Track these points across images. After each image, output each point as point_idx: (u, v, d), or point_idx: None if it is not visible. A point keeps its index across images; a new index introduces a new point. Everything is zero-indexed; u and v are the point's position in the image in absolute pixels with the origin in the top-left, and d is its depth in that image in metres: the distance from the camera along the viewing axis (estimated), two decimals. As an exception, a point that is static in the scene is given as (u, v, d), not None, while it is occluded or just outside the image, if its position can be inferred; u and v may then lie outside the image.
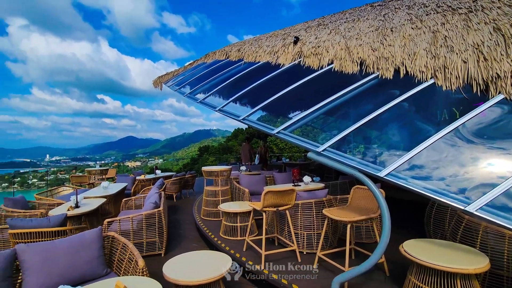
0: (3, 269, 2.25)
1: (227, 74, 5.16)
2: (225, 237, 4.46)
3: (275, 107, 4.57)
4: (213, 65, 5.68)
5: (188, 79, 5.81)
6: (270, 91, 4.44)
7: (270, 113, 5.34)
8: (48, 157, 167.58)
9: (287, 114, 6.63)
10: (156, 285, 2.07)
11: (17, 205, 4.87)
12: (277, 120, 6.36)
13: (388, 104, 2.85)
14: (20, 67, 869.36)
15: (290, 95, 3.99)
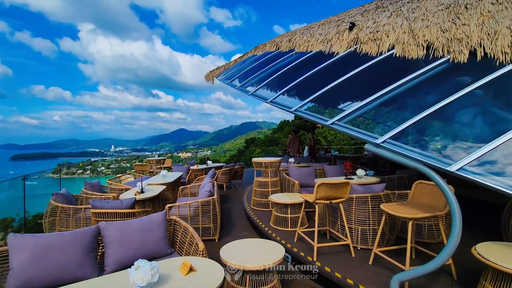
0: (91, 242, 2.61)
1: (277, 66, 5.14)
2: (275, 227, 4.53)
3: (322, 99, 4.43)
4: (264, 57, 5.70)
5: (239, 72, 5.93)
6: (321, 81, 4.31)
7: (318, 104, 5.19)
8: (113, 148, 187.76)
9: (336, 105, 6.38)
10: (216, 265, 2.20)
11: (94, 189, 5.59)
12: (325, 111, 6.17)
13: (462, 90, 2.56)
14: (89, 68, 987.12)
15: (342, 85, 3.83)
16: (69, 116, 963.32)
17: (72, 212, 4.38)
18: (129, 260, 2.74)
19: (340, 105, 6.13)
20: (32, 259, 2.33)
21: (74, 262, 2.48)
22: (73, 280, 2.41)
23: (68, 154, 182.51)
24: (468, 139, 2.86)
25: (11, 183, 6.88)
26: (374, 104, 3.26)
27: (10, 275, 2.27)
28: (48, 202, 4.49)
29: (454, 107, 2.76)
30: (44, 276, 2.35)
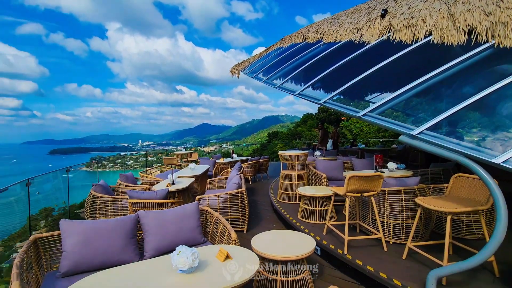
0: (132, 229, 2.78)
1: (304, 57, 5.07)
2: (303, 219, 4.54)
3: (348, 91, 4.32)
4: (290, 49, 5.64)
5: (265, 65, 5.92)
6: (350, 73, 4.21)
7: (343, 96, 5.07)
8: (140, 142, 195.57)
9: (363, 97, 6.18)
10: (250, 253, 2.26)
11: (128, 180, 5.89)
12: (350, 103, 6.01)
13: (508, 78, 2.39)
14: (117, 66, 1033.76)
15: (372, 76, 3.71)
16: (100, 112, 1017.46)
17: (110, 201, 4.66)
18: (167, 247, 2.89)
19: (367, 96, 5.94)
20: (81, 242, 2.53)
21: (117, 247, 2.66)
22: (117, 263, 2.59)
23: (99, 148, 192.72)
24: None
25: (53, 175, 7.41)
26: (408, 94, 3.14)
27: (64, 256, 2.48)
28: (89, 192, 4.81)
29: (497, 96, 2.59)
30: (92, 258, 2.54)
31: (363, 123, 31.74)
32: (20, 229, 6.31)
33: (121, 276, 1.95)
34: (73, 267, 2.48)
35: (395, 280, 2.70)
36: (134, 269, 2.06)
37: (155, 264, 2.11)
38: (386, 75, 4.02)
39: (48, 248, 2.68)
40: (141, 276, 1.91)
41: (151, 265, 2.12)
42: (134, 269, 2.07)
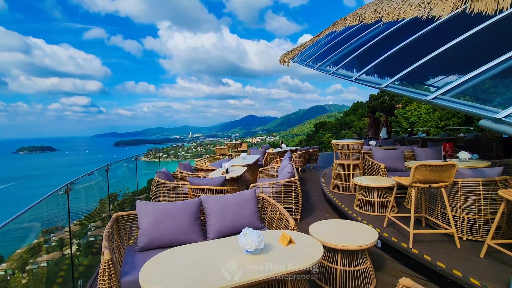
0: (196, 212, 2.98)
1: (360, 41, 4.78)
2: (360, 210, 4.37)
3: (406, 74, 3.94)
4: (344, 33, 5.36)
5: (317, 52, 5.73)
6: (410, 55, 3.86)
7: (402, 81, 4.66)
8: (190, 134, 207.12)
9: (424, 81, 5.60)
10: (313, 239, 2.25)
11: (186, 168, 6.30)
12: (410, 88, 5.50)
13: None
14: (168, 62, 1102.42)
15: (441, 56, 3.33)
16: (154, 106, 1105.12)
17: (172, 187, 5.04)
18: (227, 230, 3.04)
19: (430, 80, 5.38)
20: (154, 222, 2.80)
21: (184, 227, 2.88)
22: (185, 242, 2.79)
23: (155, 140, 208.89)
24: None
25: (120, 163, 8.24)
26: (490, 73, 2.76)
27: (140, 233, 2.78)
28: (153, 179, 5.26)
29: None
30: (163, 236, 2.79)
31: (422, 110, 29.01)
32: (92, 211, 7.22)
33: (195, 252, 2.11)
34: (148, 243, 2.76)
35: (472, 279, 2.45)
36: (205, 247, 2.21)
37: (222, 244, 2.24)
38: (452, 55, 3.58)
39: (126, 225, 3.02)
40: (212, 253, 2.05)
41: (218, 244, 2.25)
42: (205, 247, 2.22)
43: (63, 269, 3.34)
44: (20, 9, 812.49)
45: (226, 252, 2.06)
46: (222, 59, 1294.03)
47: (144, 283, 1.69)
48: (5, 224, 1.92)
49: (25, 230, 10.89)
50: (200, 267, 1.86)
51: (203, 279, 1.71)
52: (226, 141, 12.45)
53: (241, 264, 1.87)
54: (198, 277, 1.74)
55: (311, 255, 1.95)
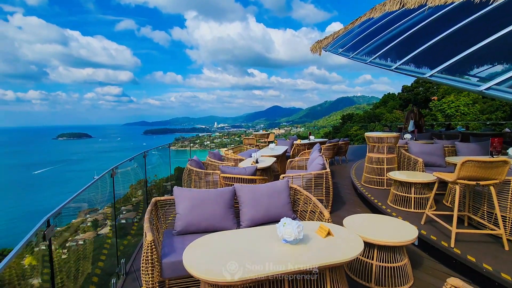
0: (230, 199, 3.04)
1: (402, 27, 4.50)
2: (394, 206, 4.21)
3: (454, 63, 3.65)
4: (383, 19, 5.08)
5: (352, 40, 5.49)
6: (460, 42, 3.57)
7: (444, 71, 4.33)
8: (216, 124, 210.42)
9: (467, 71, 5.19)
10: (351, 233, 2.21)
11: (216, 157, 6.42)
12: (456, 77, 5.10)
13: None
14: (195, 53, 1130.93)
15: (492, 43, 3.06)
16: (181, 96, 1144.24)
17: (203, 175, 5.17)
18: (260, 219, 3.06)
19: (473, 70, 4.96)
20: (190, 207, 2.89)
21: (219, 214, 2.94)
22: (219, 229, 2.87)
23: (181, 130, 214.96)
24: None
25: (151, 151, 8.54)
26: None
27: (177, 218, 2.89)
28: (185, 167, 5.43)
29: None
30: (199, 222, 2.88)
31: (460, 103, 27.09)
32: (123, 196, 7.61)
33: (234, 238, 2.16)
34: (185, 227, 2.86)
35: (524, 284, 2.29)
36: (243, 234, 2.25)
37: (260, 232, 2.26)
38: (502, 44, 3.26)
39: (163, 209, 3.15)
40: (251, 241, 2.08)
41: (256, 232, 2.28)
42: (243, 234, 2.26)
43: (105, 247, 3.57)
44: (58, 2, 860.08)
45: (264, 240, 2.08)
46: (247, 49, 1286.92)
47: (188, 265, 1.75)
48: (67, 202, 2.09)
49: (68, 210, 11.69)
50: (241, 253, 1.90)
51: (244, 264, 1.74)
52: (251, 132, 12.50)
53: (281, 253, 1.88)
54: (240, 262, 1.77)
55: (351, 249, 1.91)
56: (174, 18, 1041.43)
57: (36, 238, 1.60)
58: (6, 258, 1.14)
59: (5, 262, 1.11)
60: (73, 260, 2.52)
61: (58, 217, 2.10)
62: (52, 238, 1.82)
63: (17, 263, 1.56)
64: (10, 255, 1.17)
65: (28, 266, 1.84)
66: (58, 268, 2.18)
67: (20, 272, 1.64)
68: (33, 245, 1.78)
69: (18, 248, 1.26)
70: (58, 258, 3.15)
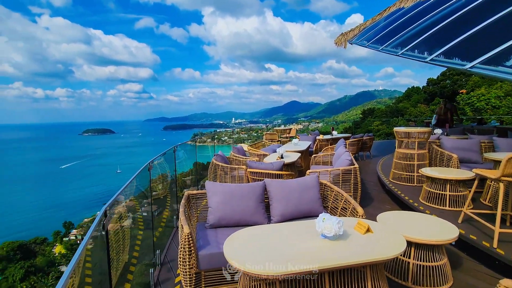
0: (261, 194, 3.05)
1: (437, 16, 4.28)
2: (427, 203, 4.06)
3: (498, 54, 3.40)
4: (415, 9, 4.85)
5: (382, 31, 5.30)
6: (502, 31, 3.35)
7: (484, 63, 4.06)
8: (233, 120, 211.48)
9: (502, 62, 4.85)
10: (390, 230, 2.15)
11: (240, 153, 6.45)
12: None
13: None
14: (212, 49, 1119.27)
15: None
16: (199, 92, 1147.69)
17: (229, 170, 5.22)
18: (291, 214, 3.06)
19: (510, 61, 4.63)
20: (223, 201, 2.93)
21: (250, 209, 2.96)
22: (251, 223, 2.89)
23: (200, 125, 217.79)
24: None
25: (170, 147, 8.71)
26: None
27: (210, 211, 2.94)
28: (211, 161, 5.50)
29: None
30: (231, 216, 2.91)
31: (491, 96, 25.59)
32: (145, 189, 7.83)
33: (270, 232, 2.16)
34: (217, 221, 2.90)
35: None
36: (278, 228, 2.25)
37: (296, 227, 2.25)
38: None
39: (195, 202, 3.21)
40: (288, 235, 2.07)
41: (292, 227, 2.26)
42: (278, 228, 2.26)
43: (138, 238, 3.70)
44: (81, 2, 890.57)
45: (302, 235, 2.07)
46: (264, 44, 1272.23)
47: (230, 256, 1.78)
48: (118, 194, 2.18)
49: (92, 202, 12.11)
50: (280, 247, 1.90)
51: (284, 258, 1.74)
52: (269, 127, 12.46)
53: (320, 248, 1.87)
54: (280, 256, 1.77)
55: (393, 246, 1.86)
56: (192, 14, 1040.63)
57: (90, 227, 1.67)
58: (80, 247, 1.21)
59: (80, 251, 1.17)
60: (115, 249, 2.63)
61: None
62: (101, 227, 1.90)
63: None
64: (83, 242, 1.25)
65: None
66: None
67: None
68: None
69: (88, 237, 1.34)
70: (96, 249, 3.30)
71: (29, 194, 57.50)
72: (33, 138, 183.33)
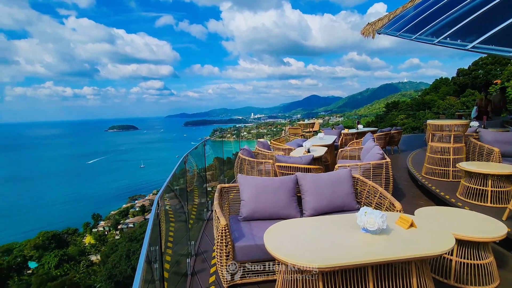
0: (293, 188, 3.03)
1: (476, 2, 4.01)
2: (465, 199, 3.87)
3: None
4: (452, -6, 4.57)
5: (415, 19, 5.05)
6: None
7: None
8: (252, 115, 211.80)
9: None
10: (431, 225, 2.07)
11: (265, 147, 6.45)
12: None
13: None
14: (230, 44, 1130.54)
15: None
16: (218, 88, 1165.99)
17: (256, 164, 5.24)
18: (324, 208, 3.02)
19: None
20: (255, 195, 2.94)
21: (282, 202, 2.96)
22: (283, 216, 2.89)
23: (219, 121, 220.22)
24: None
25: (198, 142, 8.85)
26: None
27: (242, 204, 2.96)
28: (237, 155, 5.54)
29: None
30: (263, 209, 2.93)
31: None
32: (167, 183, 8.03)
33: (308, 226, 2.15)
34: (250, 214, 2.93)
35: None
36: (317, 222, 2.23)
37: (334, 221, 2.22)
38: None
39: (227, 195, 3.25)
40: (327, 229, 2.05)
41: (330, 221, 2.23)
42: (316, 222, 2.24)
43: (171, 230, 3.82)
44: (105, 3, 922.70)
45: (342, 228, 2.04)
46: (283, 37, 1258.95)
47: (272, 248, 1.79)
48: (165, 186, 2.29)
49: (118, 195, 12.51)
50: (320, 240, 1.89)
51: (326, 251, 1.73)
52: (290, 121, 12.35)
53: (363, 242, 1.83)
54: (322, 249, 1.76)
55: (440, 242, 1.79)
56: (210, 10, 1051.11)
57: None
58: (146, 238, 1.27)
59: (147, 241, 1.23)
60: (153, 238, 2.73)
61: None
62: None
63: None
64: (148, 227, 1.33)
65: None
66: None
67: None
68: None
69: (150, 226, 1.44)
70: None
71: (60, 187, 61.31)
72: (63, 134, 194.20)
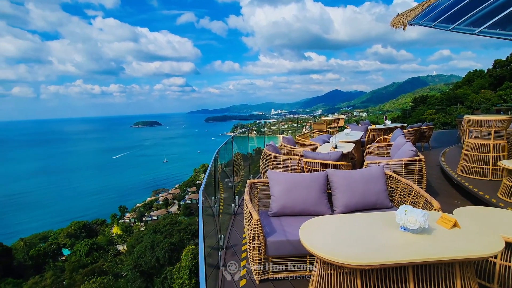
0: (323, 184, 3.00)
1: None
2: (508, 199, 3.64)
3: None
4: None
5: (451, 8, 4.77)
6: None
7: None
8: (273, 111, 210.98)
9: None
10: (475, 226, 1.97)
11: (290, 143, 6.42)
12: None
13: None
14: (251, 40, 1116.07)
15: None
16: (239, 84, 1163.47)
17: (281, 160, 5.23)
18: (355, 205, 2.96)
19: None
20: (285, 190, 2.94)
21: (313, 199, 2.93)
22: (314, 213, 2.87)
23: (239, 117, 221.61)
24: None
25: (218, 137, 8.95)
26: None
27: (272, 200, 2.97)
28: (263, 151, 5.55)
29: None
30: (293, 205, 2.92)
31: None
32: (189, 178, 8.17)
33: (343, 223, 2.12)
34: (280, 209, 2.93)
35: None
36: (350, 219, 2.20)
37: (371, 219, 2.17)
38: None
39: (257, 190, 3.27)
40: (362, 226, 2.01)
41: (366, 218, 2.19)
42: (350, 219, 2.22)
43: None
44: (128, 3, 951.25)
45: (379, 226, 2.00)
46: (304, 31, 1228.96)
47: (308, 244, 1.78)
48: (204, 180, 2.33)
49: (143, 189, 13.01)
50: (358, 237, 1.86)
51: (365, 249, 1.70)
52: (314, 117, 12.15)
53: (403, 241, 1.78)
54: (361, 246, 1.73)
55: (487, 244, 1.70)
56: (230, 6, 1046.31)
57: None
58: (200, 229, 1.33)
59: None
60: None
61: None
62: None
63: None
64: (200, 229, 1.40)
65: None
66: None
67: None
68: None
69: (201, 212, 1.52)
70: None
71: (90, 180, 65.02)
72: (92, 130, 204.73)
